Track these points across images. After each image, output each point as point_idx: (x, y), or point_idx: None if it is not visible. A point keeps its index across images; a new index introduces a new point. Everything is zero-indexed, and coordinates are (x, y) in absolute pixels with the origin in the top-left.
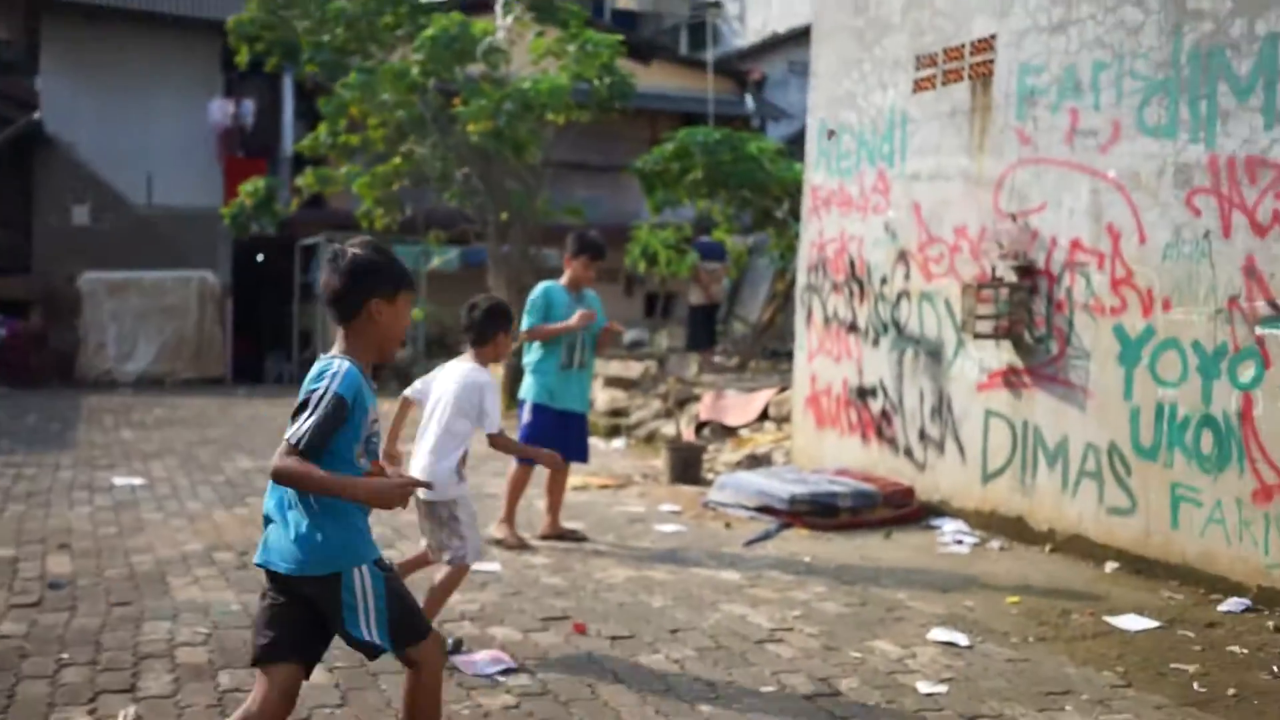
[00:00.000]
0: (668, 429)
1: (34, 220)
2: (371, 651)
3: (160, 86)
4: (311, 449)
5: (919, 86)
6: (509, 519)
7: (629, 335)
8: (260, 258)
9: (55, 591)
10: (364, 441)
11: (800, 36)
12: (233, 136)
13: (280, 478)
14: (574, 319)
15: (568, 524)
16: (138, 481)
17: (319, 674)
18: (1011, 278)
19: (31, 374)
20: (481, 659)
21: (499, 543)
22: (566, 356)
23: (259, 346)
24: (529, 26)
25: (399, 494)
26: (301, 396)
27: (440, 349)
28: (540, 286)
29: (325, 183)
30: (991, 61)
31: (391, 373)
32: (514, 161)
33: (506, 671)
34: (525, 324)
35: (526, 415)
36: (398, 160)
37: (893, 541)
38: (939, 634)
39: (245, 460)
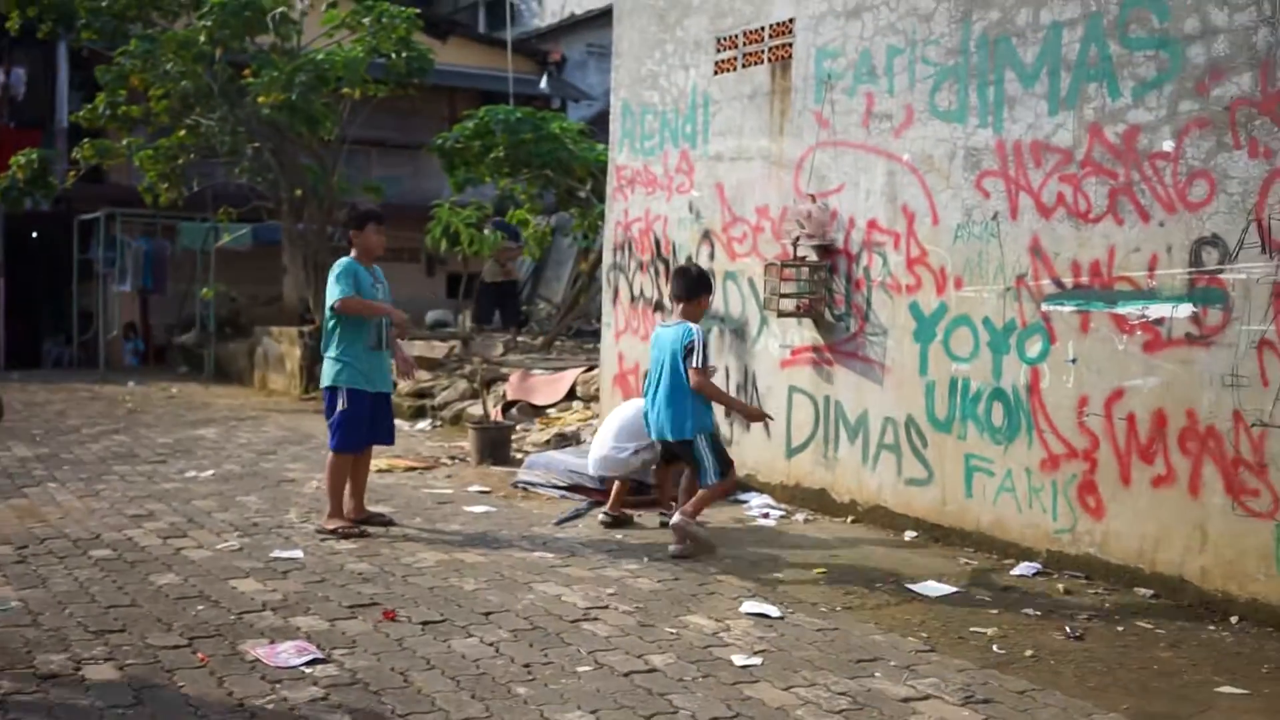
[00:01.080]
0: (474, 409)
1: None
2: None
3: None
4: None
5: (720, 68)
6: (338, 511)
7: (432, 315)
8: (35, 235)
9: None
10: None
11: (600, 19)
12: (2, 107)
13: (701, 389)
14: (396, 313)
15: (373, 508)
16: None
17: (109, 668)
18: (812, 257)
19: None
20: (285, 649)
21: (333, 533)
22: (374, 337)
23: (35, 330)
24: None
25: (756, 415)
26: (684, 343)
27: (233, 330)
28: (341, 262)
29: (104, 154)
30: (790, 45)
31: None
32: (308, 137)
33: (313, 662)
34: (338, 294)
35: (342, 402)
36: (182, 133)
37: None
38: (751, 606)
39: (24, 447)
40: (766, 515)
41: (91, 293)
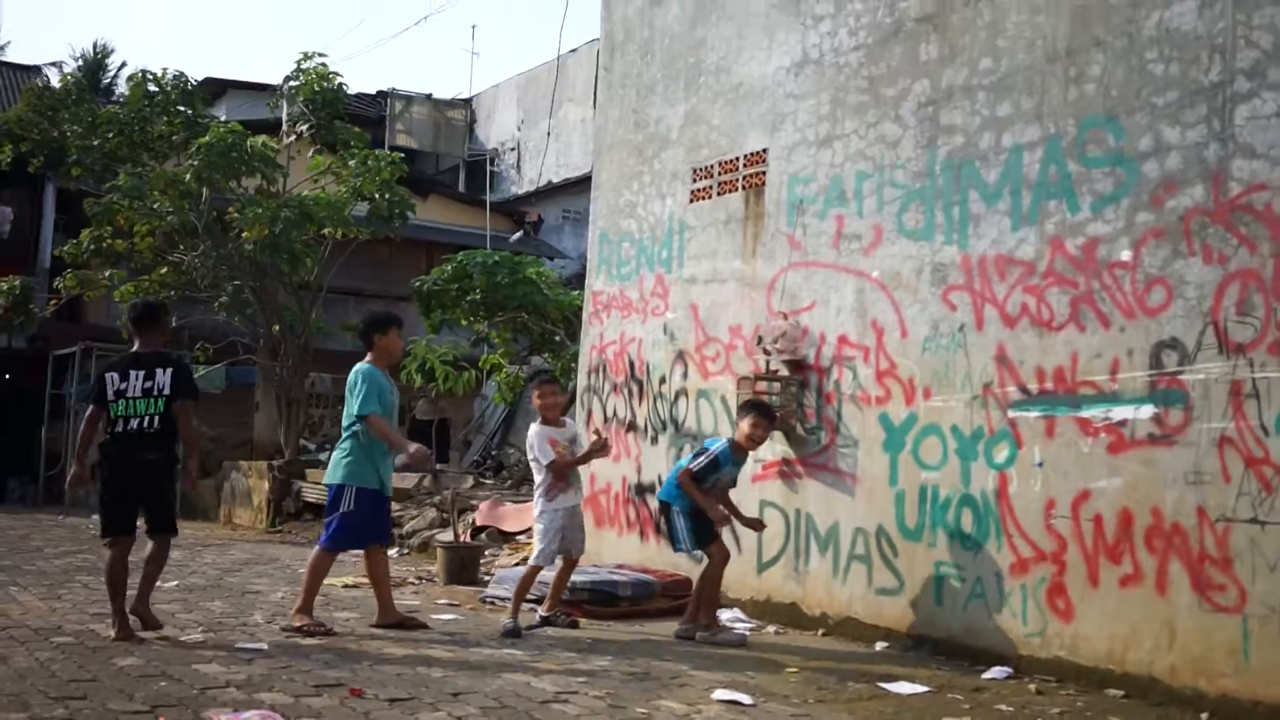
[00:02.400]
0: (443, 537)
1: None
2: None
3: None
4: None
5: (695, 196)
6: (307, 607)
7: (400, 458)
8: (6, 375)
9: None
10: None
11: (576, 185)
12: None
13: (683, 484)
14: (413, 449)
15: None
16: None
17: None
18: (784, 372)
19: None
20: (249, 715)
21: (299, 630)
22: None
23: (2, 467)
24: (309, 145)
25: (719, 519)
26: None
27: (200, 471)
28: (362, 369)
29: (86, 285)
30: (764, 173)
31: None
32: (289, 275)
33: None
34: (370, 410)
35: (349, 502)
36: (164, 270)
37: (671, 624)
38: (723, 694)
39: None
40: (735, 628)
41: (61, 431)
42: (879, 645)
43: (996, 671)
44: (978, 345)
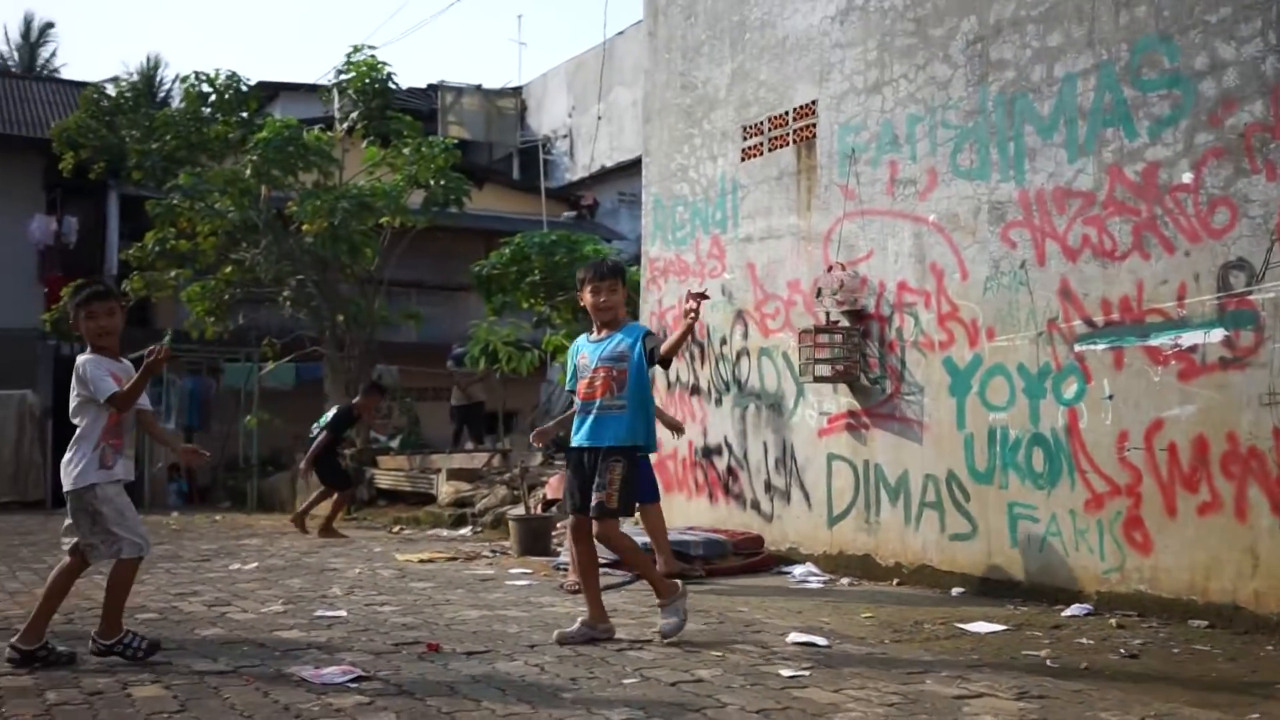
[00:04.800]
0: (515, 512)
1: None
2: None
3: None
4: None
5: (747, 155)
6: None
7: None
8: None
9: None
10: None
11: (630, 168)
12: (54, 255)
13: None
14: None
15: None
16: None
17: (155, 688)
18: (845, 323)
19: None
20: (330, 670)
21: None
22: None
23: None
24: (362, 137)
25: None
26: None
27: (275, 468)
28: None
29: (153, 287)
30: (814, 125)
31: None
32: (349, 266)
33: (358, 679)
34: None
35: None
36: (228, 269)
37: (744, 582)
38: (798, 637)
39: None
40: (808, 582)
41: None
42: (955, 591)
43: (1076, 609)
44: (1040, 281)
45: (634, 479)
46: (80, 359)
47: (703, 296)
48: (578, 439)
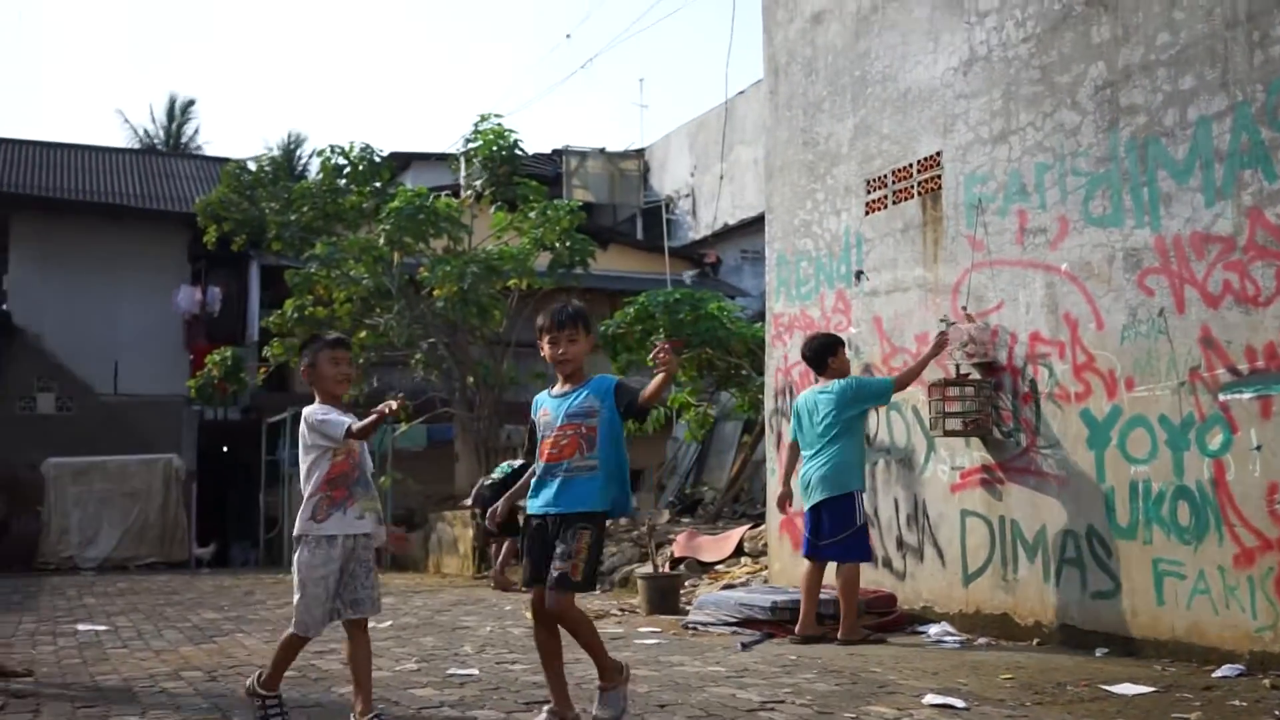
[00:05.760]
0: (642, 570)
1: None
2: None
3: (128, 276)
4: None
5: (871, 208)
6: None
7: None
8: (225, 449)
9: (19, 700)
10: None
11: (752, 225)
12: (199, 324)
13: None
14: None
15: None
16: (102, 628)
17: None
18: (976, 375)
19: None
20: None
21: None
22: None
23: (223, 532)
24: (489, 203)
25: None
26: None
27: (409, 527)
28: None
29: (292, 353)
30: (939, 177)
31: None
32: (479, 328)
33: None
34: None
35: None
36: (363, 334)
37: (877, 643)
38: (934, 699)
39: (211, 613)
40: (943, 642)
41: (278, 496)
42: (1098, 651)
43: (1227, 670)
44: (1180, 329)
45: (601, 549)
46: (306, 411)
47: (671, 347)
48: (539, 505)
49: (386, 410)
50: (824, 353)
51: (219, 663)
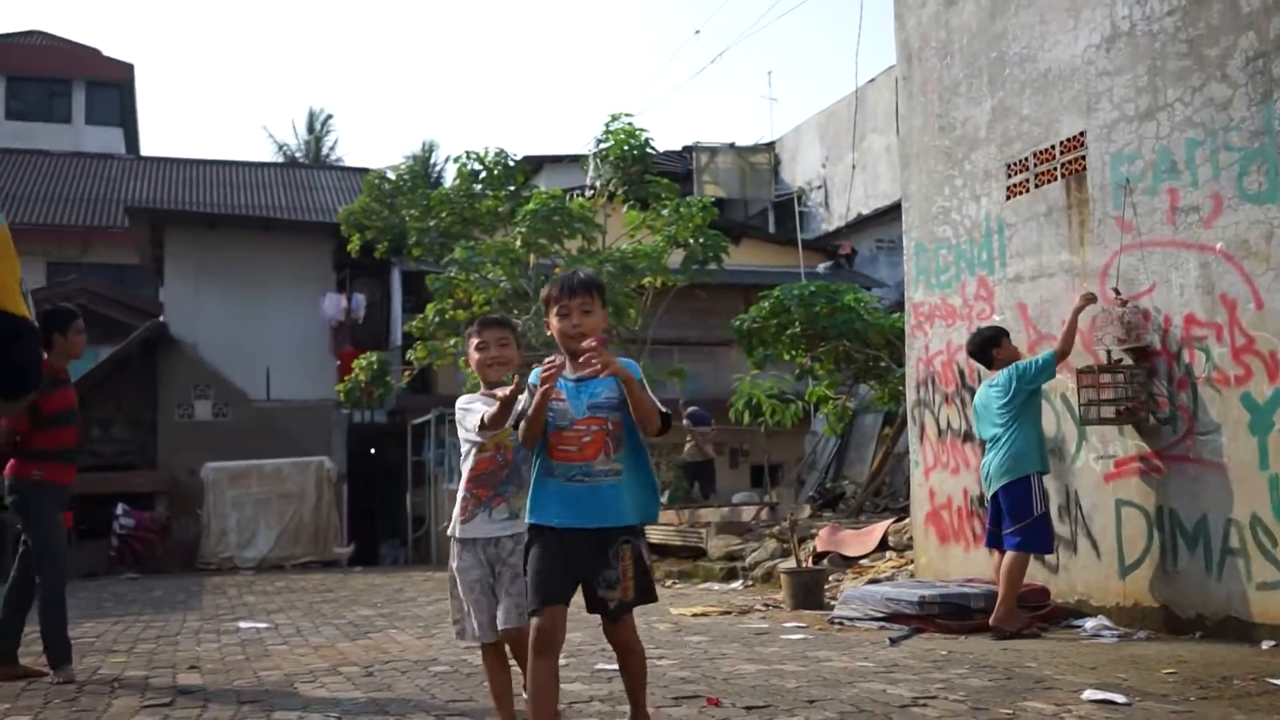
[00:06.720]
0: (785, 565)
1: (159, 417)
2: None
3: (276, 285)
4: None
5: (1012, 192)
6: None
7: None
8: (372, 450)
9: (186, 696)
10: None
11: (885, 214)
12: (345, 330)
13: None
14: None
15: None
16: (262, 625)
17: None
18: (1128, 361)
19: (157, 562)
20: None
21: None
22: None
23: (373, 532)
24: (622, 202)
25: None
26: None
27: None
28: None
29: (435, 355)
30: (1083, 157)
31: None
32: (615, 328)
33: None
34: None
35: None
36: None
37: (1033, 636)
38: (1093, 694)
39: (366, 610)
40: (1100, 636)
41: (425, 496)
42: (1265, 644)
43: None
44: None
45: (646, 558)
46: (458, 400)
47: (592, 350)
48: (556, 516)
49: (508, 393)
50: (987, 346)
51: (375, 658)
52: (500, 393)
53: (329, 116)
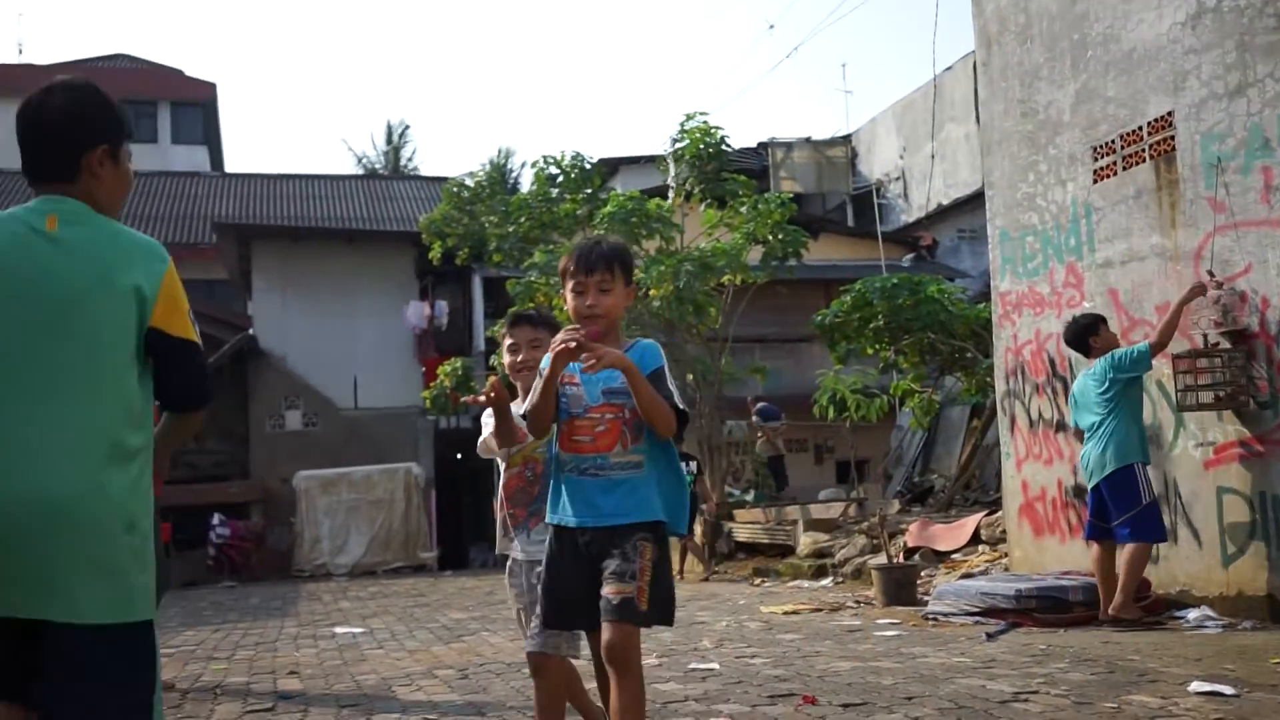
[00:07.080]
0: (875, 562)
1: (251, 428)
2: None
3: (361, 295)
4: None
5: (1099, 176)
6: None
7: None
8: (459, 455)
9: (287, 701)
10: None
11: (968, 203)
12: (429, 337)
13: None
14: None
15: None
16: (358, 630)
17: None
18: (1225, 345)
19: (252, 570)
20: None
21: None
22: None
23: (460, 536)
24: (699, 201)
25: None
26: None
27: None
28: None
29: None
30: (1172, 138)
31: None
32: (695, 326)
33: None
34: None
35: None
36: None
37: (1147, 629)
38: (1200, 686)
39: (459, 613)
40: (1204, 626)
41: None
42: None
43: None
44: None
45: (670, 569)
46: None
47: (579, 345)
48: (569, 513)
49: (481, 399)
50: (1084, 335)
51: (469, 660)
52: (481, 399)
53: (406, 127)
